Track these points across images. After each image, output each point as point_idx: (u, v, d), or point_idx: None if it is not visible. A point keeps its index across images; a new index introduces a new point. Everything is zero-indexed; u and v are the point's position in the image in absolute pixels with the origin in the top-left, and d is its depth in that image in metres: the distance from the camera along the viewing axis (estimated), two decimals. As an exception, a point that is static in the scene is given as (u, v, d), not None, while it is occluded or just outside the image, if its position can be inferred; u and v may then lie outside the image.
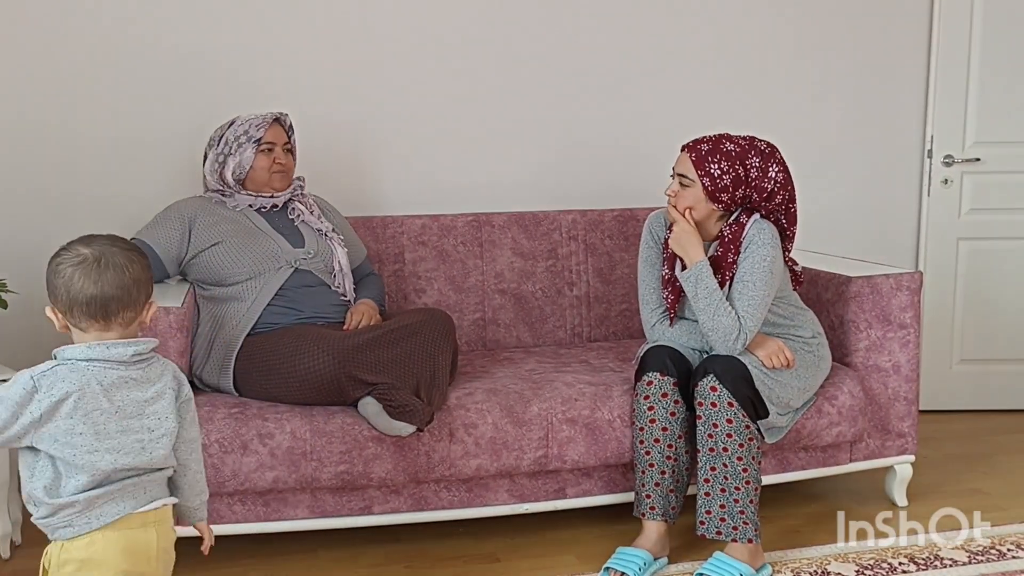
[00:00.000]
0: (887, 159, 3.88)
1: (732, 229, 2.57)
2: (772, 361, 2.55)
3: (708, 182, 2.53)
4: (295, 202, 2.91)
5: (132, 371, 1.68)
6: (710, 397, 2.47)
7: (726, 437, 2.47)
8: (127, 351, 1.67)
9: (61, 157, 3.15)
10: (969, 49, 3.78)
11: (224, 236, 2.75)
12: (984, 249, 3.88)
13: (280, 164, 2.86)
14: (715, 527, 2.50)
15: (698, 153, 2.55)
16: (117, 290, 1.65)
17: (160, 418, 1.70)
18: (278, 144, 2.87)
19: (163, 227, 2.78)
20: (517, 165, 3.54)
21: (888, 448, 2.98)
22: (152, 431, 1.69)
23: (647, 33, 3.60)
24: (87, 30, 3.12)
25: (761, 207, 2.58)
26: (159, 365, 1.74)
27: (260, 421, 2.48)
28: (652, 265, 2.73)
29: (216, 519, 2.50)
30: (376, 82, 3.38)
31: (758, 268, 2.52)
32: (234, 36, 3.24)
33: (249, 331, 2.67)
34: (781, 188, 2.57)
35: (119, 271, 1.66)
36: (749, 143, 2.57)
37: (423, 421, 2.42)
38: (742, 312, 2.52)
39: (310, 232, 2.87)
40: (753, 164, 2.55)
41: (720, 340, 2.52)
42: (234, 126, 2.86)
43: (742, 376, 2.48)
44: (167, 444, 1.71)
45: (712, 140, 2.57)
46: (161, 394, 1.72)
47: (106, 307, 1.65)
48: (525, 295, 3.30)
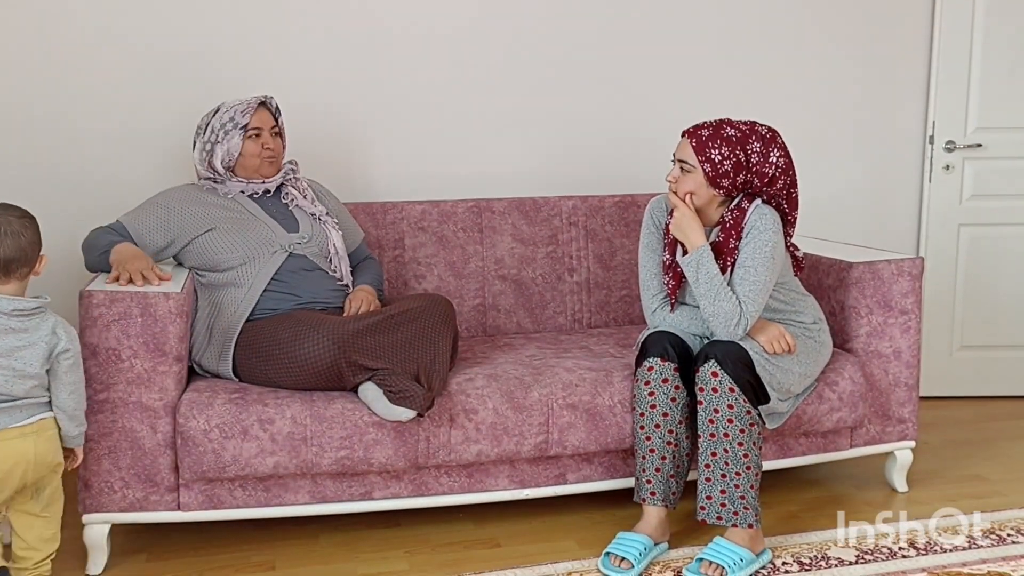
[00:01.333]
0: (888, 145, 3.87)
1: (734, 215, 2.56)
2: (773, 346, 2.55)
3: (709, 168, 2.52)
4: (288, 187, 2.89)
5: (12, 321, 2.08)
6: (711, 383, 2.47)
7: (727, 423, 2.47)
8: (9, 305, 2.08)
9: (56, 145, 3.14)
10: (971, 35, 3.77)
11: (216, 222, 2.74)
12: (985, 235, 3.88)
13: (269, 149, 2.82)
14: (716, 512, 2.50)
15: (699, 139, 2.54)
16: (16, 252, 2.08)
17: (26, 363, 2.09)
18: (265, 129, 2.83)
19: (143, 214, 2.78)
20: (518, 151, 3.53)
21: (889, 434, 2.98)
22: (16, 371, 2.08)
23: (648, 18, 3.58)
24: (78, 14, 3.11)
25: (762, 192, 2.57)
26: (41, 320, 2.12)
27: (260, 407, 2.48)
28: (653, 251, 2.72)
29: (217, 504, 2.51)
30: (377, 68, 3.37)
31: (760, 253, 2.52)
32: (232, 21, 3.23)
33: (248, 317, 2.66)
34: (783, 173, 2.56)
35: (16, 236, 2.08)
36: (750, 128, 2.56)
37: (423, 407, 2.42)
38: (743, 297, 2.51)
39: (304, 216, 2.86)
40: (754, 149, 2.54)
41: (721, 325, 2.51)
42: (219, 113, 2.82)
43: (743, 361, 2.48)
44: (28, 384, 2.10)
45: (713, 125, 2.56)
46: (32, 344, 2.10)
47: (7, 266, 2.08)
48: (525, 281, 3.30)
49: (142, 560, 2.56)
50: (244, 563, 2.55)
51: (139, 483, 2.45)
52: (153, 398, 2.43)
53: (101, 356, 2.39)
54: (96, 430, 2.40)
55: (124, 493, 2.44)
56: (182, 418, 2.44)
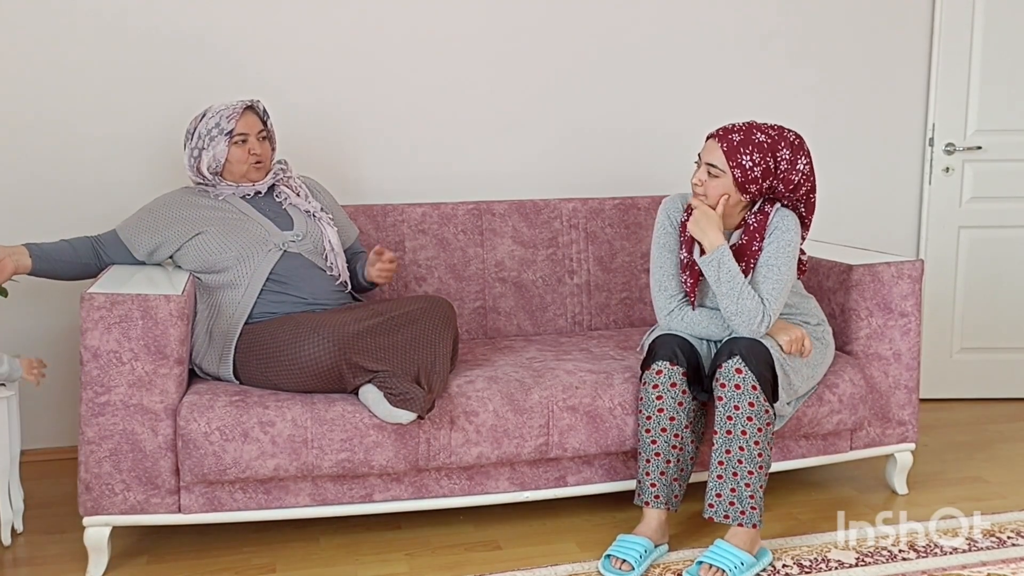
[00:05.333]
0: (889, 147, 3.88)
1: (757, 218, 2.56)
2: (792, 347, 2.55)
3: (739, 173, 2.51)
4: (280, 186, 2.88)
5: None
6: (735, 379, 2.46)
7: (746, 420, 2.46)
8: None
9: (55, 148, 3.14)
10: (971, 37, 3.77)
11: (207, 225, 2.75)
12: (985, 238, 3.88)
13: (255, 155, 2.79)
14: (724, 511, 2.49)
15: (729, 143, 2.52)
16: None
17: None
18: (251, 134, 2.79)
19: (134, 219, 2.80)
20: (518, 153, 3.53)
21: (889, 436, 2.98)
22: None
23: (649, 23, 3.59)
24: (76, 12, 3.11)
25: (785, 197, 2.57)
26: None
27: (261, 409, 2.48)
28: (670, 250, 2.69)
29: (217, 507, 2.51)
30: (377, 70, 3.37)
31: (783, 253, 2.52)
32: (231, 21, 3.23)
33: (248, 319, 2.67)
34: (806, 179, 2.57)
35: None
36: (779, 133, 2.54)
37: (424, 409, 2.42)
38: (766, 295, 2.51)
39: (299, 214, 2.86)
40: (783, 156, 2.53)
41: (744, 323, 2.50)
42: (206, 118, 2.79)
43: (765, 360, 2.47)
44: None
45: (743, 130, 2.53)
46: None
47: None
48: (526, 283, 3.30)
49: (143, 563, 2.56)
50: (245, 565, 2.55)
51: (140, 485, 2.45)
52: (154, 401, 2.43)
53: (102, 359, 2.39)
54: (97, 432, 2.41)
55: (125, 495, 2.45)
56: (183, 421, 2.44)
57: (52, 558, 2.57)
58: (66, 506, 2.83)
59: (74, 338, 3.04)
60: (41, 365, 2.61)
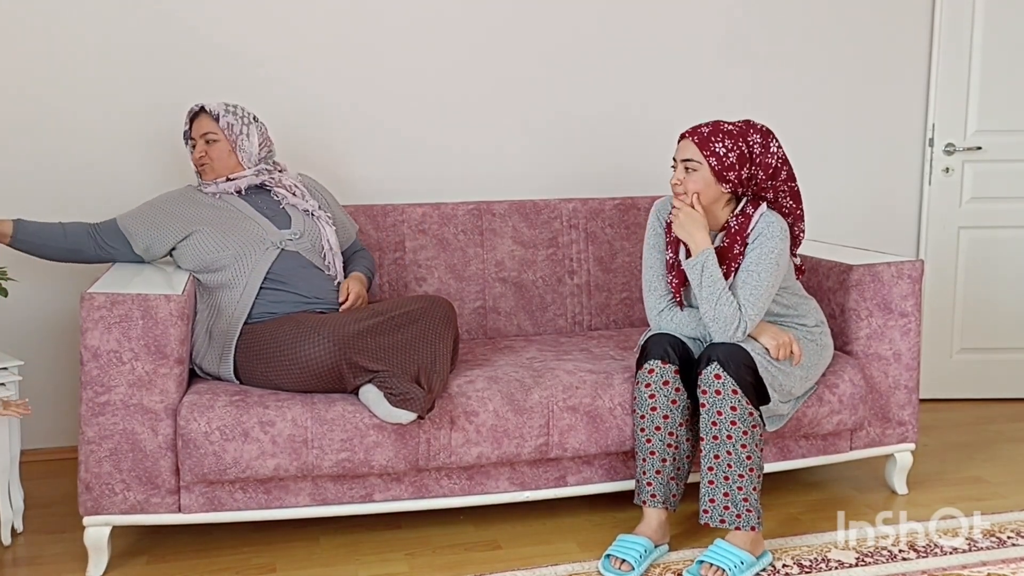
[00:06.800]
0: (888, 147, 3.88)
1: (739, 220, 2.57)
2: (780, 353, 2.55)
3: (715, 161, 2.52)
4: (274, 186, 2.89)
5: None
6: (714, 385, 2.47)
7: (730, 425, 2.47)
8: None
9: (57, 145, 3.14)
10: (971, 37, 3.77)
11: (204, 222, 2.76)
12: (985, 238, 3.88)
13: (200, 157, 2.86)
14: (719, 515, 2.50)
15: (700, 136, 2.55)
16: None
17: None
18: (198, 137, 2.87)
19: (136, 211, 2.83)
20: (518, 153, 3.54)
21: (888, 436, 2.99)
22: None
23: (649, 22, 3.59)
24: (73, 14, 3.11)
25: (768, 188, 2.57)
26: None
27: (261, 409, 2.48)
28: (660, 251, 2.70)
29: (218, 506, 2.51)
30: (377, 70, 3.37)
31: (765, 260, 2.52)
32: (233, 19, 3.23)
33: (248, 319, 2.67)
34: (783, 163, 2.58)
35: None
36: (746, 123, 2.58)
37: (424, 409, 2.42)
38: (744, 301, 2.51)
39: (296, 213, 2.86)
40: (755, 140, 2.54)
41: (720, 329, 2.51)
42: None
43: (745, 363, 2.48)
44: None
45: (710, 124, 2.57)
46: None
47: None
48: (526, 283, 3.30)
49: (143, 562, 2.56)
50: (245, 565, 2.55)
51: (140, 485, 2.45)
52: (154, 400, 2.43)
53: (102, 358, 2.39)
54: (97, 432, 2.41)
55: (125, 495, 2.45)
56: (183, 420, 2.44)
57: (52, 558, 2.57)
58: (66, 506, 2.83)
59: (74, 338, 3.05)
60: (23, 407, 2.43)
